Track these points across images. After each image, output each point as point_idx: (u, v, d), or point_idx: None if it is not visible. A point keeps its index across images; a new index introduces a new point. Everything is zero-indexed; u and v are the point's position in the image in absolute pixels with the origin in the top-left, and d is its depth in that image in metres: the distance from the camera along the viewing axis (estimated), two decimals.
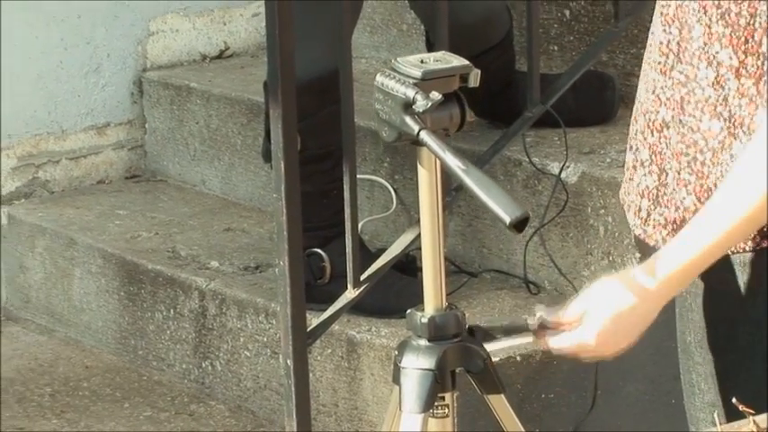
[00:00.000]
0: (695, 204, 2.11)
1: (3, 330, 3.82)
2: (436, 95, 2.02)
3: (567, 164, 3.10)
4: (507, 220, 1.94)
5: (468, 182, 1.99)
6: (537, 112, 3.09)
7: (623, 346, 2.11)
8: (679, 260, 2.00)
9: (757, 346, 2.09)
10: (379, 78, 2.10)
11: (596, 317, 2.07)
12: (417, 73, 2.05)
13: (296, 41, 2.68)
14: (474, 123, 3.25)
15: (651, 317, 2.06)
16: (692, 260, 1.99)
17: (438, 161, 2.08)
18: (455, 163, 2.00)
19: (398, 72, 2.07)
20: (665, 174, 2.13)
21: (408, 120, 2.04)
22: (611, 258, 3.09)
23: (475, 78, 2.07)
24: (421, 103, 2.02)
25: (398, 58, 2.10)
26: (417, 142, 2.05)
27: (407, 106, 2.04)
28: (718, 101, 2.02)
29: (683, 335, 2.20)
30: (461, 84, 2.07)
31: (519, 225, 1.95)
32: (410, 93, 2.04)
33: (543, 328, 2.13)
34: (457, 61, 2.09)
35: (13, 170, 3.96)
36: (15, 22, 3.89)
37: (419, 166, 2.13)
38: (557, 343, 2.11)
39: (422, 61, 2.08)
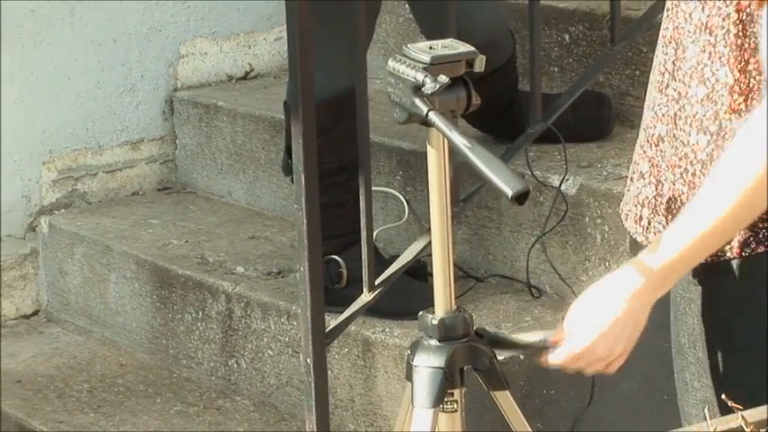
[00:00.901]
0: None
1: (44, 331, 3.82)
2: (444, 79, 2.01)
3: (567, 177, 3.08)
4: (509, 193, 1.92)
5: (474, 158, 1.96)
6: (539, 128, 3.07)
7: (619, 352, 2.08)
8: (667, 255, 1.98)
9: (751, 347, 2.06)
10: (391, 63, 2.09)
11: (580, 328, 2.07)
12: (426, 58, 2.05)
13: (315, 64, 2.67)
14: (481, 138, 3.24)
15: (640, 316, 2.04)
16: (679, 255, 1.98)
17: (446, 141, 2.06)
18: (461, 141, 1.99)
19: (409, 57, 2.07)
20: (661, 184, 2.12)
21: (418, 102, 2.03)
22: (607, 264, 3.07)
23: (480, 64, 2.07)
24: (429, 86, 2.01)
25: (409, 45, 2.10)
26: (426, 123, 2.04)
27: (417, 89, 2.03)
28: (705, 116, 2.00)
29: (677, 336, 2.19)
30: (467, 69, 2.06)
31: (520, 198, 1.92)
32: (419, 76, 2.03)
33: (545, 347, 2.14)
34: (463, 47, 2.10)
35: (54, 182, 3.94)
36: (56, 45, 3.89)
37: (428, 146, 2.11)
38: (552, 358, 2.12)
39: (430, 47, 2.08)
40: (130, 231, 3.77)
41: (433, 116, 2.01)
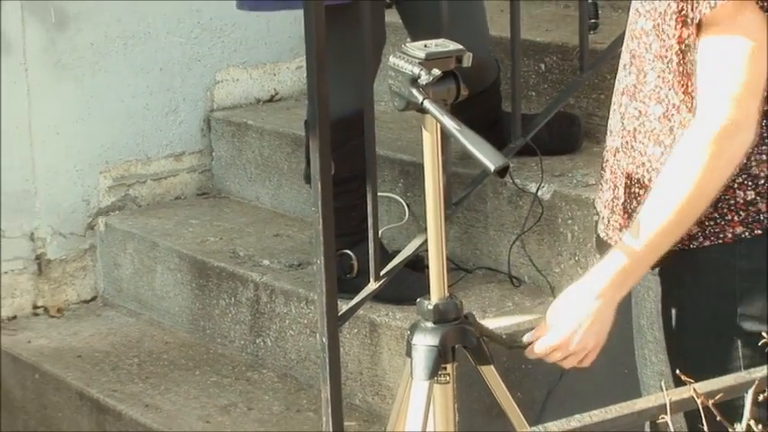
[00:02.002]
0: None
1: (101, 314, 3.83)
2: (437, 72, 2.01)
3: (543, 184, 3.08)
4: (492, 167, 1.93)
5: (462, 139, 1.97)
6: (519, 143, 3.09)
7: (591, 346, 2.08)
8: (626, 258, 1.99)
9: (700, 327, 2.06)
10: (392, 59, 2.09)
11: (558, 323, 2.08)
12: (422, 54, 2.05)
13: (329, 89, 2.67)
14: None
15: (607, 313, 2.04)
16: (637, 258, 1.99)
17: (438, 125, 2.06)
18: (451, 124, 1.99)
19: (407, 54, 2.06)
20: (618, 189, 2.11)
21: (414, 91, 2.02)
22: (576, 258, 3.07)
23: (467, 59, 2.06)
24: (424, 78, 2.01)
25: (407, 43, 2.09)
26: (422, 110, 2.03)
27: (414, 81, 2.03)
28: (662, 131, 2.00)
29: (637, 319, 2.19)
30: (457, 64, 2.05)
31: (501, 172, 1.93)
32: (416, 70, 2.02)
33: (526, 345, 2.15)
34: (453, 46, 2.10)
35: (109, 189, 3.94)
36: (111, 73, 3.89)
37: (423, 130, 2.11)
38: (532, 351, 2.12)
39: (425, 45, 2.07)
40: (174, 230, 3.77)
41: (427, 104, 2.02)
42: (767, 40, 1.90)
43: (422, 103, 2.02)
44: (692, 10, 1.92)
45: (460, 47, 2.09)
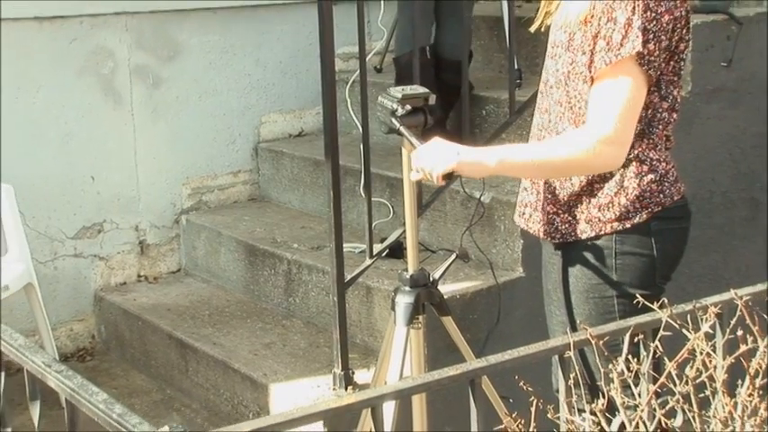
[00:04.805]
0: (553, 211, 2.07)
1: (183, 281, 3.81)
2: (408, 107, 2.02)
3: (484, 192, 3.07)
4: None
5: (416, 144, 1.96)
6: None
7: (442, 164, 1.91)
8: (498, 155, 1.89)
9: (590, 291, 2.05)
10: (379, 99, 2.09)
11: (425, 144, 1.95)
12: (399, 95, 2.05)
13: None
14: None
15: (453, 163, 1.90)
16: (503, 160, 1.89)
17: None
18: (416, 142, 1.98)
19: (389, 95, 2.07)
20: (539, 193, 2.11)
21: (394, 120, 2.03)
22: (506, 243, 3.05)
23: (432, 99, 2.05)
24: (401, 111, 2.01)
25: (389, 89, 2.09)
26: (399, 133, 2.03)
27: (393, 113, 2.02)
28: None
29: (546, 284, 2.19)
30: (424, 103, 2.04)
31: (449, 176, 1.91)
32: (395, 105, 2.03)
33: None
34: (422, 90, 2.08)
35: (189, 196, 3.93)
36: (190, 117, 3.89)
37: (402, 149, 2.09)
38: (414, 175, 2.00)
39: (402, 89, 2.07)
40: (232, 223, 3.76)
41: (403, 129, 2.02)
42: (642, 85, 1.89)
43: (398, 128, 2.02)
44: (590, 70, 1.92)
45: (427, 90, 2.08)
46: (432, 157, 1.92)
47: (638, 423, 1.36)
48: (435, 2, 3.42)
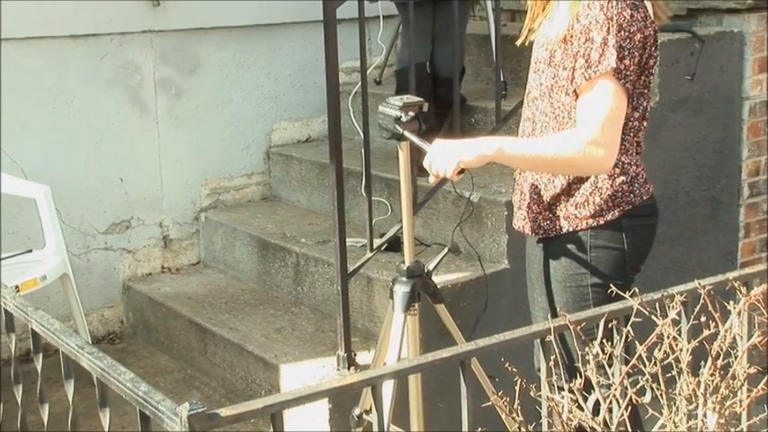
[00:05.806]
0: (537, 211, 2.07)
1: (202, 272, 3.81)
2: (411, 114, 2.04)
3: (473, 192, 3.06)
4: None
5: (426, 149, 1.96)
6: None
7: (451, 168, 1.89)
8: (500, 146, 1.87)
9: (567, 280, 2.05)
10: (380, 107, 2.10)
11: (432, 148, 1.92)
12: (400, 103, 2.06)
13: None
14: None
15: (458, 161, 1.87)
16: (505, 152, 1.86)
17: (409, 148, 2.07)
18: (420, 143, 1.99)
19: (390, 103, 2.08)
20: (522, 194, 2.10)
21: (398, 126, 2.04)
22: (493, 238, 3.05)
23: (425, 107, 2.08)
24: (404, 117, 2.03)
25: (388, 98, 2.10)
26: (402, 137, 2.04)
27: (397, 119, 2.04)
28: None
29: (529, 274, 2.18)
30: (418, 110, 2.06)
31: (460, 171, 1.91)
32: (399, 112, 2.04)
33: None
34: (417, 98, 2.11)
35: (207, 195, 3.92)
36: (208, 125, 3.87)
37: (400, 152, 2.09)
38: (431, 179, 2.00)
39: (401, 98, 2.08)
40: (246, 220, 3.75)
41: (406, 133, 2.04)
42: (621, 96, 1.89)
43: (402, 133, 2.03)
44: (572, 84, 1.92)
45: (422, 99, 2.11)
46: (443, 160, 1.91)
47: (611, 400, 1.36)
48: (432, 23, 3.42)
